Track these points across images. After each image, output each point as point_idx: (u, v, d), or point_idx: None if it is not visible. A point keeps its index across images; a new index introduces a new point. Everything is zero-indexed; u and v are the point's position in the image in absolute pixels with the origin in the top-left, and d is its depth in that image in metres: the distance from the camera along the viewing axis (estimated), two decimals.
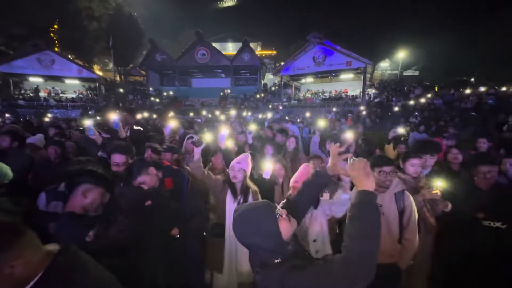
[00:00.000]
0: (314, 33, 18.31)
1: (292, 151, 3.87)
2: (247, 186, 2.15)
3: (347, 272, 0.89)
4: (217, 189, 2.26)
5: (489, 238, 2.03)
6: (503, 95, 10.95)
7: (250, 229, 1.05)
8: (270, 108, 20.19)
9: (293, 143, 3.94)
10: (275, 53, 42.39)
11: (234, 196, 2.15)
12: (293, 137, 4.05)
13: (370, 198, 1.04)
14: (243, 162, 2.16)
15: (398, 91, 19.01)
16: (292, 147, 3.91)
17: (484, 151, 3.90)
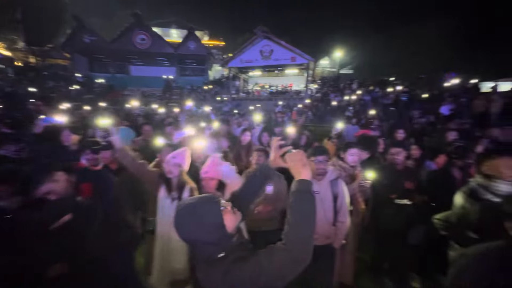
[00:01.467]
0: (261, 26, 18.54)
1: (246, 144, 3.87)
2: (183, 182, 2.02)
3: (286, 257, 0.93)
4: (152, 184, 2.08)
5: (400, 214, 2.40)
6: (412, 93, 13.21)
7: (194, 223, 1.00)
8: (219, 100, 19.83)
9: (248, 137, 3.94)
10: (223, 44, 41.49)
11: (168, 192, 2.01)
12: (248, 131, 4.06)
13: (306, 186, 1.10)
14: (179, 157, 2.02)
15: (335, 87, 20.97)
16: (247, 141, 3.91)
17: (401, 140, 4.60)
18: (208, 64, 28.69)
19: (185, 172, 2.07)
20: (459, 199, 1.89)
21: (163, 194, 2.02)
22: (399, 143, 2.54)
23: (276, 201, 2.46)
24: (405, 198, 2.39)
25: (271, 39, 18.89)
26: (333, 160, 2.65)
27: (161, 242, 1.98)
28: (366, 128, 5.69)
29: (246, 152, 3.76)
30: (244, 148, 3.82)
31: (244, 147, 3.83)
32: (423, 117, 9.31)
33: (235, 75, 24.01)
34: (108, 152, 2.43)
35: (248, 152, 3.73)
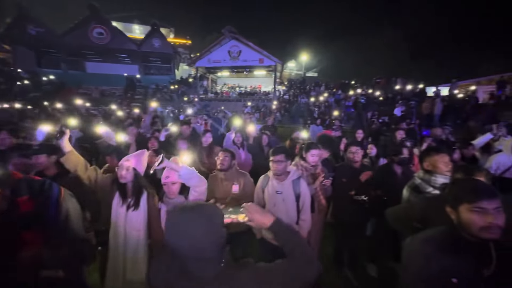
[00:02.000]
0: (228, 26, 18.44)
1: (208, 146, 3.78)
2: (140, 187, 1.89)
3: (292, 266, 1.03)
4: (105, 190, 1.91)
5: (358, 209, 2.56)
6: (370, 96, 14.32)
7: (204, 226, 0.92)
8: (186, 100, 19.22)
9: (210, 138, 3.86)
10: (190, 43, 40.35)
11: (122, 198, 1.86)
12: (209, 132, 3.97)
13: (278, 226, 1.14)
14: (134, 160, 1.88)
15: (302, 89, 21.79)
16: (209, 142, 3.82)
17: (360, 140, 4.93)
18: (175, 63, 27.66)
19: (142, 177, 1.94)
20: (405, 193, 2.08)
21: (117, 201, 1.86)
22: (357, 143, 2.71)
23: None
24: (362, 194, 2.56)
25: (239, 40, 18.90)
26: (296, 160, 2.72)
27: (115, 253, 1.83)
28: (329, 128, 5.98)
29: (208, 154, 3.69)
30: (206, 149, 3.74)
31: (205, 149, 3.75)
32: (379, 118, 10.16)
33: (203, 75, 23.52)
34: (42, 156, 2.13)
35: (210, 154, 3.67)
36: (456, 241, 1.17)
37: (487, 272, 1.11)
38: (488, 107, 10.95)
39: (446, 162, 1.90)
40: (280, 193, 2.19)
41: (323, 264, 2.88)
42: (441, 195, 1.45)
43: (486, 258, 1.13)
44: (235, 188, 2.56)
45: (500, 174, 3.57)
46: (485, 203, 1.07)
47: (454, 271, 1.13)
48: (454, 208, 1.18)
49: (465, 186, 1.18)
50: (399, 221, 1.86)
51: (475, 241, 1.13)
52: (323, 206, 2.68)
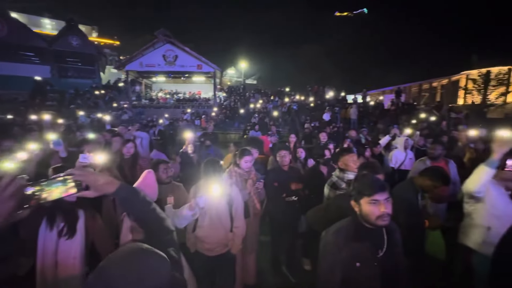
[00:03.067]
0: (162, 29, 17.52)
1: (130, 157, 3.40)
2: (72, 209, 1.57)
3: None
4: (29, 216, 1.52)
5: (291, 209, 2.72)
6: (302, 103, 15.74)
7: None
8: (115, 107, 17.21)
9: (132, 149, 3.48)
10: (118, 44, 36.50)
11: (50, 224, 1.54)
12: (131, 142, 3.59)
13: (126, 191, 0.97)
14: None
15: (242, 96, 22.31)
16: (131, 153, 3.44)
17: (293, 144, 5.30)
18: (100, 65, 24.53)
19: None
20: (326, 190, 2.32)
21: (44, 227, 1.52)
22: (285, 147, 2.88)
23: None
24: (292, 195, 2.73)
25: (175, 45, 18.12)
26: (230, 167, 2.73)
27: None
28: (265, 134, 6.26)
29: (130, 166, 3.34)
30: (128, 161, 3.37)
31: (127, 161, 3.37)
32: (311, 122, 11.24)
33: (135, 79, 21.55)
34: None
35: (133, 166, 3.33)
36: (358, 230, 1.36)
37: (381, 253, 1.33)
38: (390, 112, 13.44)
39: (355, 161, 2.21)
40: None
41: (262, 268, 2.96)
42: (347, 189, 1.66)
43: (380, 241, 1.35)
44: (169, 201, 2.40)
45: (398, 167, 4.38)
46: (378, 195, 1.28)
47: (358, 256, 1.32)
48: (356, 202, 1.37)
49: (364, 183, 1.38)
50: (318, 222, 2.03)
51: (372, 228, 1.33)
52: (257, 210, 2.75)
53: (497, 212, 1.90)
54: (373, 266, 1.32)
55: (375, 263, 1.31)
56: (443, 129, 7.44)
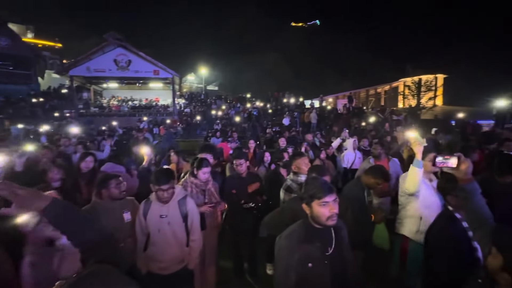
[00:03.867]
0: (112, 32, 16.28)
1: (88, 172, 3.05)
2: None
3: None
4: None
5: (249, 216, 2.71)
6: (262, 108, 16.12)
7: None
8: (57, 116, 15.34)
9: (91, 163, 3.13)
10: (61, 47, 32.84)
11: None
12: (91, 156, 3.23)
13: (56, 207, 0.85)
14: None
15: (203, 102, 21.90)
16: (90, 168, 3.09)
17: (253, 149, 5.34)
18: (38, 69, 21.69)
19: None
20: (281, 194, 2.38)
21: None
22: (241, 154, 2.87)
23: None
24: (250, 201, 2.72)
25: (128, 49, 17.00)
26: (186, 177, 2.62)
27: None
28: (225, 140, 6.21)
29: (88, 182, 3.01)
30: (85, 177, 3.04)
31: (84, 176, 3.04)
32: (272, 127, 11.55)
33: (82, 85, 19.56)
34: None
35: (91, 182, 3.00)
36: (309, 232, 1.41)
37: (330, 251, 1.40)
38: (343, 115, 14.57)
39: (307, 164, 2.31)
40: (165, 217, 2.01)
41: (224, 278, 2.88)
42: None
43: (329, 240, 1.42)
44: (127, 217, 2.19)
45: (350, 167, 4.74)
46: (327, 197, 1.35)
47: (310, 257, 1.36)
48: (308, 205, 1.42)
49: (314, 186, 1.43)
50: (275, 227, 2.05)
51: (322, 229, 1.39)
52: (217, 222, 2.68)
53: (426, 203, 2.16)
54: (324, 264, 1.38)
55: (326, 261, 1.37)
56: (387, 130, 8.32)
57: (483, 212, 1.33)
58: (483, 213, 1.33)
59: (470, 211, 1.36)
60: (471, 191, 1.38)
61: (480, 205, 1.37)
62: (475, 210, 1.36)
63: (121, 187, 2.24)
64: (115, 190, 2.19)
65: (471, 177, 1.37)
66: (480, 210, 1.35)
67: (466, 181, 1.37)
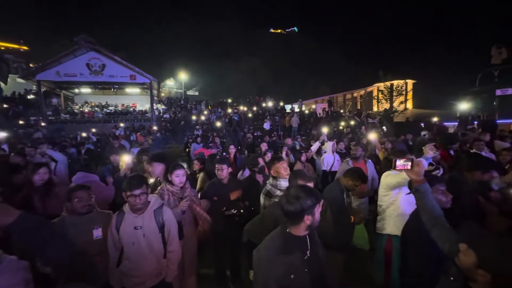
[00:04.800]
0: (84, 35, 15.53)
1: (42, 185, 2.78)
2: None
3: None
4: None
5: (231, 222, 2.65)
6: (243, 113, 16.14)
7: None
8: (23, 124, 14.20)
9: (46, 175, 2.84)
10: (26, 49, 30.68)
11: None
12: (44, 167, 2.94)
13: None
14: None
15: (183, 107, 21.45)
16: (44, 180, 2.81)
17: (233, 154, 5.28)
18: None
19: None
20: (261, 199, 2.35)
21: None
22: (223, 160, 2.81)
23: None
24: (232, 208, 2.67)
25: (101, 52, 16.29)
26: (162, 185, 2.51)
27: None
28: (206, 146, 6.10)
29: (44, 195, 2.73)
30: (40, 189, 2.76)
31: (39, 189, 2.76)
32: (254, 132, 11.56)
33: (51, 91, 18.37)
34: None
35: (46, 195, 2.74)
36: (287, 242, 1.38)
37: (308, 255, 1.38)
38: (322, 119, 14.98)
39: (285, 168, 2.31)
40: (139, 228, 1.90)
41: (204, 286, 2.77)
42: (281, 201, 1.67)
43: (305, 245, 1.40)
44: (96, 234, 2.03)
45: (329, 169, 4.84)
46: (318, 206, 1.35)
47: (291, 268, 1.33)
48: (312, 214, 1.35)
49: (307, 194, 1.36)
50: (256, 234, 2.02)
51: (300, 236, 1.38)
52: (197, 229, 2.58)
53: (410, 200, 2.24)
54: (304, 272, 1.36)
55: (305, 268, 1.35)
56: (363, 133, 8.66)
57: (436, 210, 1.45)
58: (437, 211, 1.45)
59: (425, 211, 1.47)
60: (424, 191, 1.49)
61: (433, 204, 1.47)
62: (429, 209, 1.46)
63: (85, 200, 2.07)
64: (78, 204, 2.03)
65: (423, 178, 1.50)
66: (433, 209, 1.46)
67: (419, 182, 1.50)
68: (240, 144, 8.11)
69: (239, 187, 2.93)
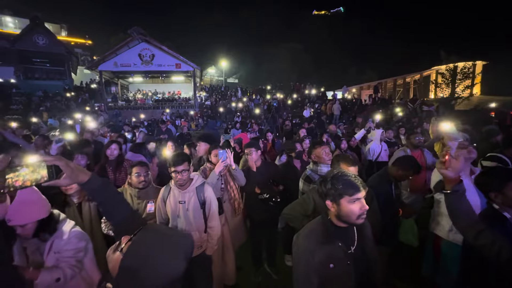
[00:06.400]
0: (136, 27, 16.78)
1: (115, 159, 3.22)
2: None
3: None
4: None
5: (265, 206, 2.65)
6: (282, 100, 15.83)
7: None
8: (88, 110, 16.32)
9: (116, 150, 3.27)
10: (91, 44, 34.67)
11: None
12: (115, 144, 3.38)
13: (95, 183, 0.97)
14: None
15: (223, 94, 22.05)
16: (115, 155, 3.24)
17: (271, 140, 5.26)
18: (71, 65, 23.15)
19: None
20: (300, 184, 2.29)
21: None
22: (251, 143, 2.78)
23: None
24: (265, 192, 2.66)
25: (151, 43, 17.49)
26: (205, 164, 2.63)
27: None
28: (245, 131, 6.19)
29: (115, 168, 3.18)
30: (112, 163, 3.21)
31: (111, 162, 3.21)
32: (292, 119, 11.32)
33: (110, 80, 20.58)
34: None
35: (118, 168, 3.18)
36: (329, 231, 1.30)
37: (352, 249, 1.29)
38: (368, 106, 13.87)
39: (327, 153, 2.19)
40: (183, 203, 2.03)
41: (243, 266, 2.88)
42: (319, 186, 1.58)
43: (351, 239, 1.31)
44: (150, 207, 2.26)
45: (375, 159, 4.49)
46: (360, 194, 1.22)
47: (331, 257, 1.27)
48: (335, 202, 1.26)
49: (344, 182, 1.26)
50: (295, 218, 1.98)
51: (344, 227, 1.29)
52: (237, 206, 2.65)
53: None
54: (346, 264, 1.28)
55: (348, 261, 1.27)
56: (416, 123, 7.77)
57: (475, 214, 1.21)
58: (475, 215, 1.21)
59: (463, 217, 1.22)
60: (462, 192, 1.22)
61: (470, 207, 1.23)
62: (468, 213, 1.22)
63: (142, 175, 2.27)
64: (136, 179, 2.26)
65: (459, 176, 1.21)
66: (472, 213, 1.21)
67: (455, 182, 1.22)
68: (278, 130, 8.02)
69: (273, 170, 2.90)
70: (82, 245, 1.57)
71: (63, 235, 1.51)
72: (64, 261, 1.47)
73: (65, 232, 1.53)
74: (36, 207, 1.45)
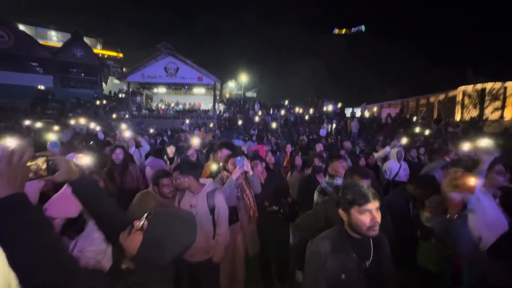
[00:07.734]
0: (164, 43, 17.94)
1: (120, 163, 3.41)
2: None
3: None
4: None
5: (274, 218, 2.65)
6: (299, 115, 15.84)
7: None
8: (115, 118, 17.31)
9: (121, 155, 3.49)
10: (121, 56, 37.35)
11: None
12: (120, 148, 3.59)
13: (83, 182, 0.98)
14: None
15: (241, 108, 22.51)
16: (121, 159, 3.44)
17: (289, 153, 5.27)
18: (102, 75, 24.96)
19: None
20: (315, 197, 2.28)
21: None
22: (259, 157, 2.82)
23: None
24: (274, 204, 2.65)
25: (177, 57, 18.53)
26: (221, 172, 2.70)
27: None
28: (261, 143, 6.27)
29: (121, 172, 3.36)
30: (118, 167, 3.39)
31: (117, 167, 3.39)
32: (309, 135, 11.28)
33: (136, 90, 21.85)
34: None
35: (123, 172, 3.37)
36: (344, 240, 1.29)
37: (367, 264, 1.27)
38: (388, 125, 13.51)
39: (345, 167, 2.19)
40: (193, 207, 2.09)
41: (251, 278, 2.84)
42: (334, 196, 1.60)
43: (366, 252, 1.29)
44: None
45: (392, 178, 4.34)
46: (371, 205, 1.21)
47: (343, 267, 1.25)
48: (346, 211, 1.27)
49: (355, 191, 1.26)
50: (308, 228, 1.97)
51: (359, 238, 1.27)
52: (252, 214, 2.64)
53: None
54: (358, 278, 1.25)
55: (361, 274, 1.25)
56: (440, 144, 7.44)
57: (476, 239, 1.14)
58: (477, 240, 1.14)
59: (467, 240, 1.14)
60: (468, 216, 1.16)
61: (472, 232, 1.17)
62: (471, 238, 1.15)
63: (171, 186, 2.29)
64: (165, 190, 2.29)
65: None
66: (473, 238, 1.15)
67: None
68: (294, 145, 8.03)
69: (279, 183, 2.89)
70: (103, 247, 1.66)
71: (88, 236, 1.63)
72: (83, 261, 1.57)
73: (90, 233, 1.64)
74: (70, 204, 1.51)
